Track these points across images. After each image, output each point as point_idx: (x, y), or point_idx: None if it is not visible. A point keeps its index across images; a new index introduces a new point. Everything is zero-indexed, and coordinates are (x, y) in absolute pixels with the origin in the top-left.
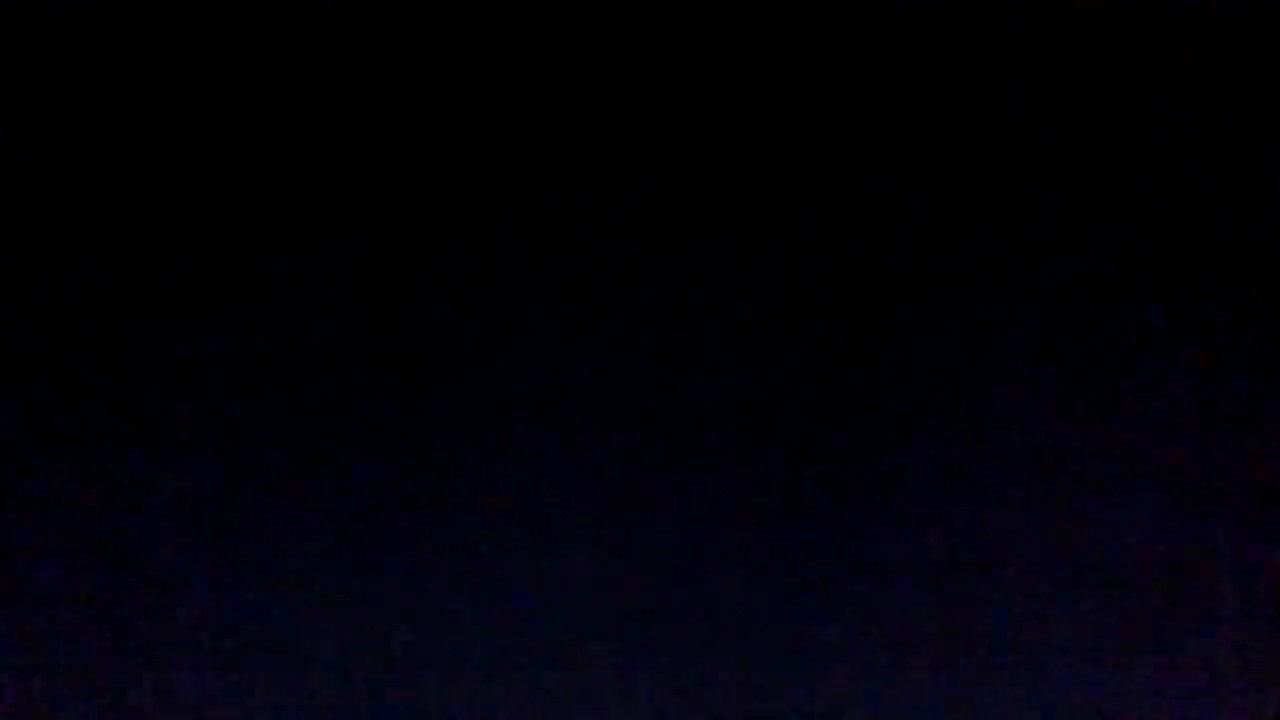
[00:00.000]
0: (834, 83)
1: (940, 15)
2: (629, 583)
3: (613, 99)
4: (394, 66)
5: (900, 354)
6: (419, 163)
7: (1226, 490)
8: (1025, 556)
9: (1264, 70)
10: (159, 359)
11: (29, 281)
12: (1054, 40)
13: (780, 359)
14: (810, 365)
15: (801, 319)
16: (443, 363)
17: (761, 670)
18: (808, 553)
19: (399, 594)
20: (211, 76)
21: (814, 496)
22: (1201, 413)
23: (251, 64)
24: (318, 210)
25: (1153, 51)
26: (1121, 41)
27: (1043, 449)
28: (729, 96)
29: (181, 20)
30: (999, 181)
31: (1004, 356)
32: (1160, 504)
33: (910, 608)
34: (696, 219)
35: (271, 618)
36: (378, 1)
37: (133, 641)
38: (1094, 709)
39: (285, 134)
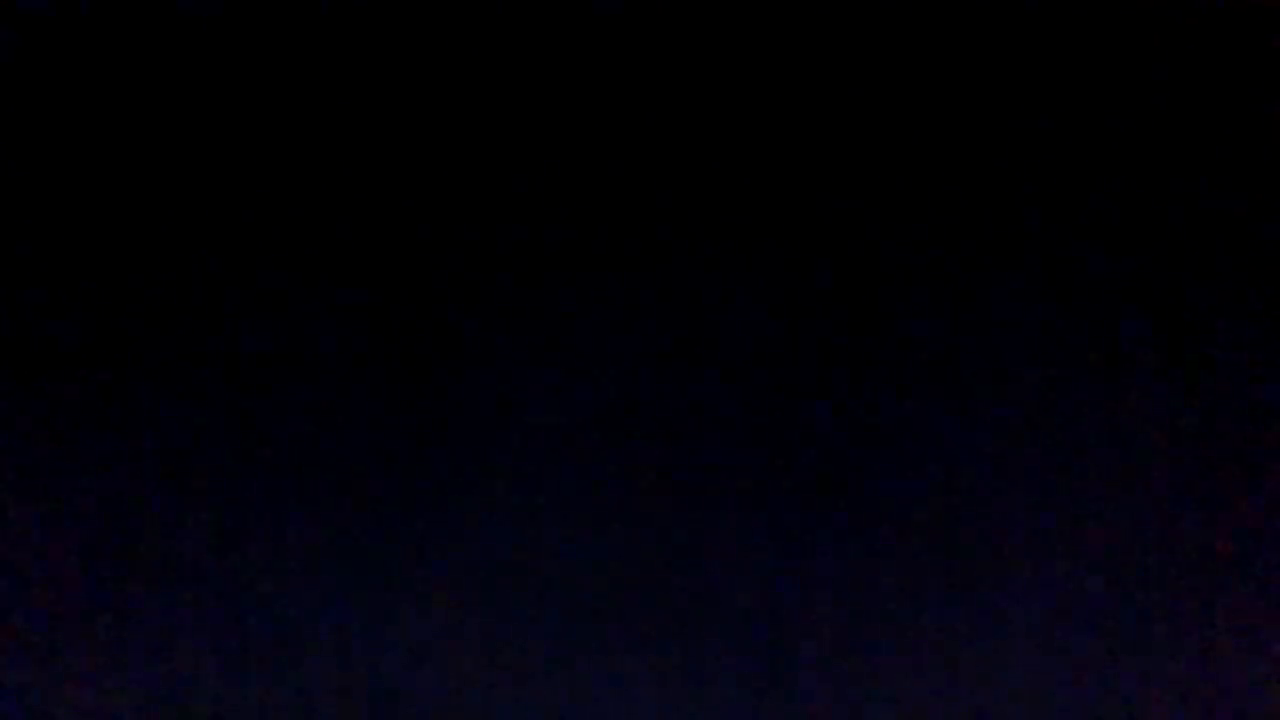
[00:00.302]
0: (833, 83)
1: (940, 15)
2: (628, 581)
3: (614, 102)
4: (397, 70)
5: (901, 351)
6: (421, 170)
7: (1227, 490)
8: (1026, 555)
9: (1264, 70)
10: (161, 360)
11: (34, 285)
12: (1053, 40)
13: (780, 356)
14: (810, 362)
15: (801, 314)
16: (444, 363)
17: (761, 669)
18: (809, 551)
19: (399, 594)
20: (214, 81)
21: (815, 495)
22: (1202, 412)
23: (256, 67)
24: (320, 214)
25: (1153, 51)
26: (1121, 41)
27: (1044, 446)
28: (729, 99)
29: (182, 20)
30: (999, 182)
31: (1004, 352)
32: (1161, 502)
33: (910, 607)
34: (695, 217)
35: (271, 617)
36: (379, 3)
37: (133, 639)
38: (1095, 708)
39: (291, 140)
